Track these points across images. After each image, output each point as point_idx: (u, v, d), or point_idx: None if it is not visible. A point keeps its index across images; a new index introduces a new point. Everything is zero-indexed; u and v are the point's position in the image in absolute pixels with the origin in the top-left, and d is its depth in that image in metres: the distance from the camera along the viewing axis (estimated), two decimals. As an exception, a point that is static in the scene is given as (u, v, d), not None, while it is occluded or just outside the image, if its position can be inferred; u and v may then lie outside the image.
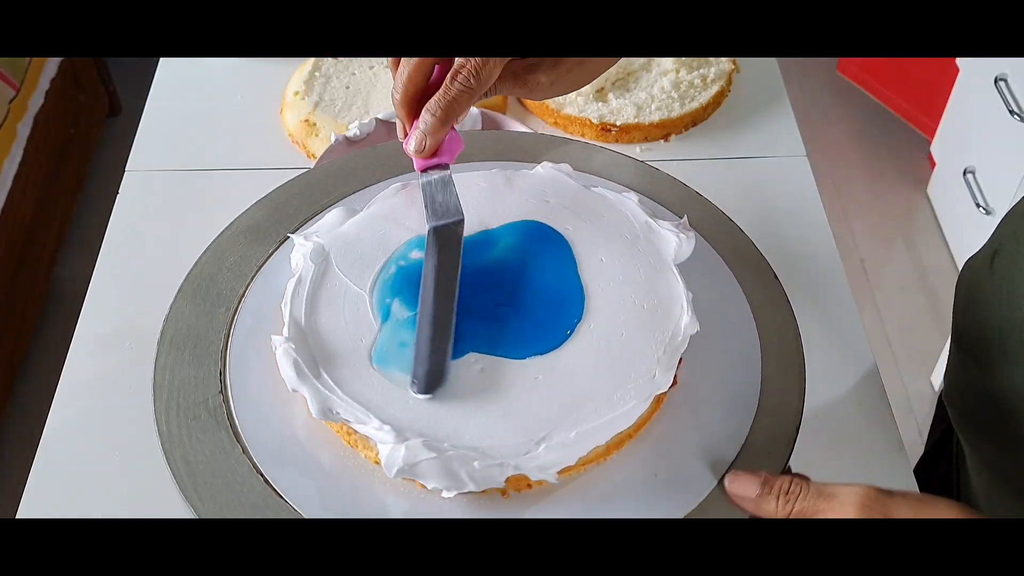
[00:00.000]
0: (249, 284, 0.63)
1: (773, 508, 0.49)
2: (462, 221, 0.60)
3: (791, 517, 0.48)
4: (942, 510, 0.46)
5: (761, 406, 0.58)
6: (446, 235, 0.59)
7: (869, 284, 1.97)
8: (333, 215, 0.64)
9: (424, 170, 0.61)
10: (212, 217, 0.70)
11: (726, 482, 0.52)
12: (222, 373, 0.58)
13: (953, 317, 0.72)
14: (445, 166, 0.61)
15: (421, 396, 0.54)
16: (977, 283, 0.68)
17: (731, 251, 0.66)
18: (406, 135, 0.60)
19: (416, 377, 0.55)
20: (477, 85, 0.57)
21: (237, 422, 0.56)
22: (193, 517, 0.53)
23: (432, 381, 0.54)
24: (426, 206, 0.60)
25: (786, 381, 0.59)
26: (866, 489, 0.47)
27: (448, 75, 0.57)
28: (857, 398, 0.73)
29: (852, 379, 0.74)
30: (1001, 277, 0.64)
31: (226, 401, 0.57)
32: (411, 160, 0.61)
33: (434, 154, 0.59)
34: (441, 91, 0.57)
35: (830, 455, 0.69)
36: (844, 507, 0.46)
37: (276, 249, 0.65)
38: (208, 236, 0.67)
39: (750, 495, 0.50)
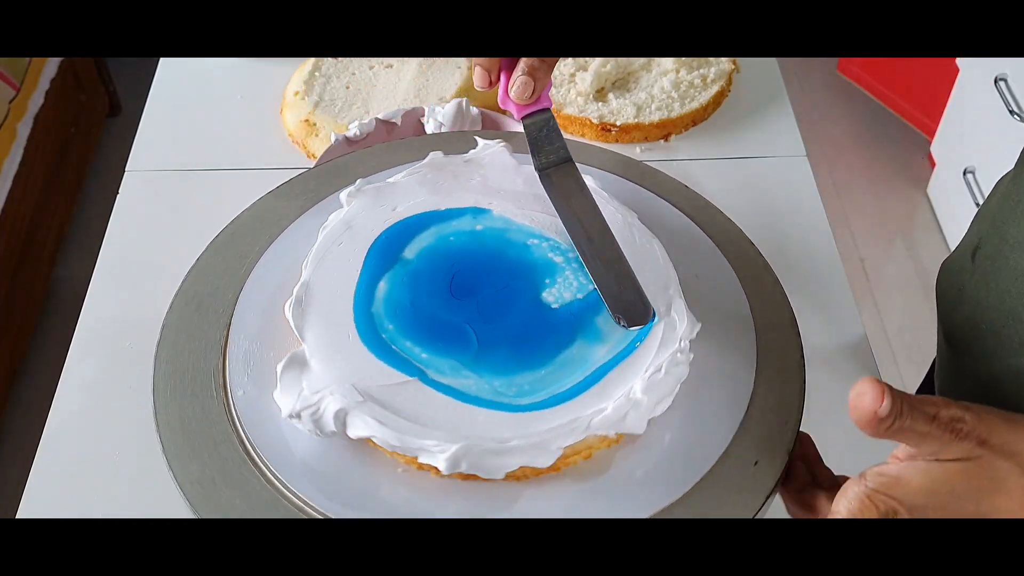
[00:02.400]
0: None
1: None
2: (574, 164, 0.61)
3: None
4: None
5: (760, 406, 0.58)
6: (563, 178, 0.60)
7: (869, 284, 1.97)
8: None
9: (524, 117, 0.62)
10: (212, 217, 0.70)
11: (873, 397, 0.45)
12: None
13: (939, 318, 0.73)
14: (546, 110, 0.62)
15: (634, 328, 0.55)
16: (960, 281, 0.68)
17: (731, 251, 0.66)
18: (490, 84, 0.61)
19: (619, 312, 0.55)
20: None
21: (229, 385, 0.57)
22: (192, 517, 0.53)
23: (638, 312, 0.55)
24: (533, 151, 0.61)
25: (786, 381, 0.59)
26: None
27: None
28: (857, 398, 0.73)
29: (852, 379, 0.74)
30: (985, 271, 0.65)
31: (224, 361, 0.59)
32: (405, 159, 0.61)
33: (536, 100, 0.61)
34: None
35: (830, 455, 0.69)
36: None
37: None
38: (208, 236, 0.67)
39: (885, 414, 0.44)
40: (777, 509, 0.56)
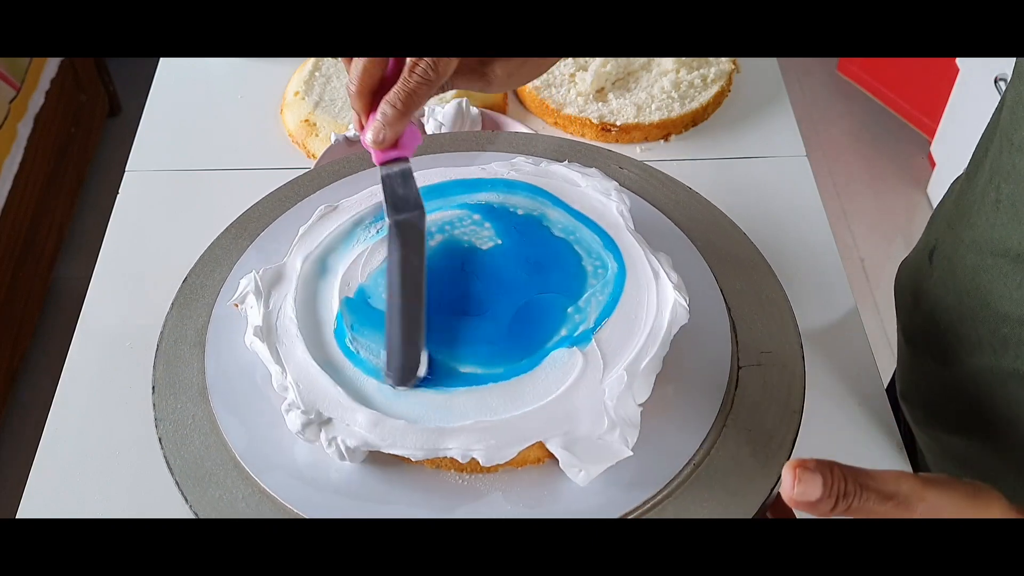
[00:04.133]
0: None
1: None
2: (423, 214, 0.60)
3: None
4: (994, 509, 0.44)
5: (760, 407, 0.58)
6: (407, 229, 0.59)
7: (869, 284, 1.97)
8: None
9: (383, 163, 0.60)
10: (212, 217, 0.70)
11: (787, 482, 0.45)
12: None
13: (898, 318, 0.74)
14: (405, 159, 0.60)
15: (399, 388, 0.54)
16: (919, 282, 0.69)
17: (731, 251, 0.66)
18: (362, 128, 0.59)
19: (391, 369, 0.55)
20: (435, 77, 0.56)
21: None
22: (192, 516, 0.53)
23: (406, 374, 0.54)
24: (385, 200, 0.60)
25: (786, 382, 0.59)
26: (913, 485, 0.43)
27: (406, 67, 0.57)
28: (857, 398, 0.73)
29: (852, 379, 0.74)
30: (943, 271, 0.66)
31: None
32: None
33: (393, 146, 0.59)
34: (400, 83, 0.56)
35: (830, 455, 0.69)
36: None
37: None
38: (208, 236, 0.67)
39: (812, 498, 0.44)
40: (777, 509, 0.56)
